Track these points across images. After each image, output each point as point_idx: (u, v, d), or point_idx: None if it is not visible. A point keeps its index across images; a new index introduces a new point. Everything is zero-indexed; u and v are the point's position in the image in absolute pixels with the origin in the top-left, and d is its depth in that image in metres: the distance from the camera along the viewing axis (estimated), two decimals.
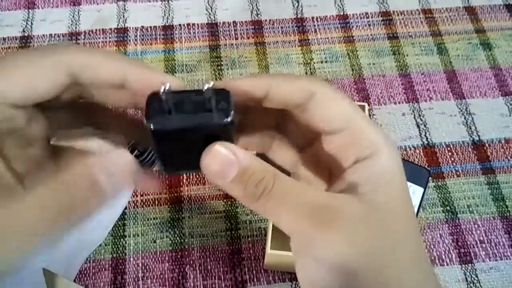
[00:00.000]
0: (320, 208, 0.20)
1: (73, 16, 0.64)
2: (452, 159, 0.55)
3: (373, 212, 0.20)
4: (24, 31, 0.63)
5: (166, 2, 0.66)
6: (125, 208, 0.51)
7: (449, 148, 0.56)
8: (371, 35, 0.64)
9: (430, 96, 0.59)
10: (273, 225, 0.43)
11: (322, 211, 0.20)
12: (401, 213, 0.21)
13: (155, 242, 0.49)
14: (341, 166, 0.22)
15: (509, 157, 0.55)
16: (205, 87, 0.19)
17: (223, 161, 0.20)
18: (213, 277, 0.48)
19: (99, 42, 0.62)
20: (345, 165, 0.22)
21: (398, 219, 0.20)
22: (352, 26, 0.65)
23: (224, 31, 0.64)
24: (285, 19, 0.65)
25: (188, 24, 0.64)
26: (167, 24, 0.64)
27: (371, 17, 0.66)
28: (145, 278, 0.48)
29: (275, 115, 0.25)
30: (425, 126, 0.57)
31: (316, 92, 0.21)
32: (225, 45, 0.63)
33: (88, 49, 0.21)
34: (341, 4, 0.67)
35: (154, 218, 0.51)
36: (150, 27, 0.64)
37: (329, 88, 0.22)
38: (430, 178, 0.52)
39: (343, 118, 0.22)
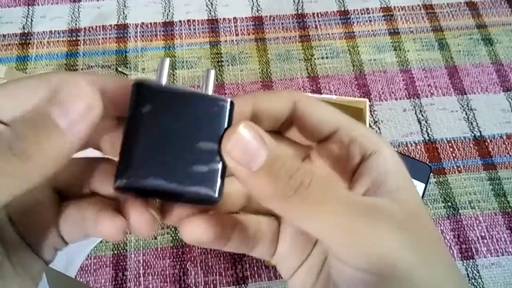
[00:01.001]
0: (363, 205, 0.18)
1: (73, 13, 0.64)
2: (454, 154, 0.55)
3: (408, 211, 0.18)
4: (24, 28, 0.63)
5: None
6: None
7: (450, 144, 0.56)
8: (372, 30, 0.64)
9: (431, 91, 0.59)
10: None
11: (366, 208, 0.17)
12: (424, 209, 0.20)
13: (156, 238, 0.49)
14: (347, 168, 0.21)
15: (510, 153, 0.55)
16: (209, 74, 0.19)
17: (249, 144, 0.16)
18: (214, 274, 0.48)
19: (99, 39, 0.62)
20: (352, 165, 0.21)
21: (426, 215, 0.19)
22: (353, 22, 0.65)
23: (225, 27, 0.64)
24: (286, 15, 0.65)
25: (188, 21, 0.64)
26: (167, 21, 0.64)
27: (372, 13, 0.65)
28: (146, 274, 0.48)
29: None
30: (426, 122, 0.57)
31: (297, 99, 0.21)
32: (226, 41, 0.63)
33: (69, 71, 0.20)
34: None
35: None
36: (150, 23, 0.64)
37: (309, 95, 0.22)
38: (431, 174, 0.52)
39: (332, 119, 0.21)
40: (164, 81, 0.19)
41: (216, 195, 0.18)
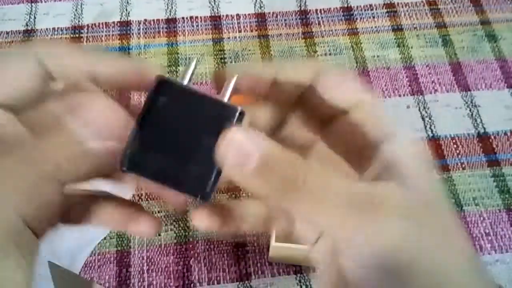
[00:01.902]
0: (363, 196, 0.17)
1: (76, 10, 0.64)
2: (457, 151, 0.55)
3: (418, 197, 0.18)
4: (27, 25, 0.63)
5: None
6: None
7: (454, 141, 0.55)
8: (375, 27, 0.64)
9: (435, 88, 0.59)
10: None
11: (366, 199, 0.17)
12: (440, 198, 0.19)
13: (159, 235, 0.49)
14: (360, 147, 0.21)
15: None
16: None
17: (241, 147, 0.17)
18: (217, 270, 0.48)
19: (102, 36, 0.62)
20: (362, 149, 0.20)
21: (441, 204, 0.19)
22: (356, 18, 0.64)
23: (227, 24, 0.64)
24: (289, 11, 0.65)
25: (191, 17, 0.64)
26: (170, 17, 0.64)
27: (376, 9, 0.65)
28: (149, 271, 0.48)
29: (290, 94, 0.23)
30: (430, 118, 0.57)
31: (322, 70, 0.21)
32: (229, 38, 0.63)
33: (56, 42, 0.21)
34: None
35: (158, 211, 0.51)
36: (153, 20, 0.64)
37: (336, 68, 0.21)
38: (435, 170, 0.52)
39: (352, 96, 0.21)
40: (186, 81, 0.20)
41: (207, 193, 0.19)
